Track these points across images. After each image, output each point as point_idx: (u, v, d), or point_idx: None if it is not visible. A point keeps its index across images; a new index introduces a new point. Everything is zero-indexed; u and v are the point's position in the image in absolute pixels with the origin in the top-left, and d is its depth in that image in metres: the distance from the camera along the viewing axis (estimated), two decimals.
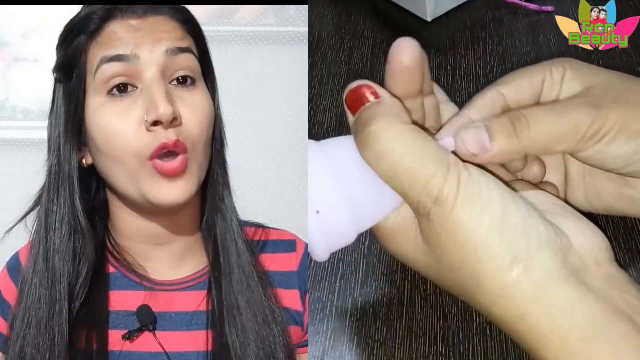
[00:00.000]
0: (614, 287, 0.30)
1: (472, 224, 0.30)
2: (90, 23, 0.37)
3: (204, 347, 0.38)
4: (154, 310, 0.39)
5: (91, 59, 0.36)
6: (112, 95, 0.36)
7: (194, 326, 0.39)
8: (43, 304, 0.37)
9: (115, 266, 0.40)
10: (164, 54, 0.36)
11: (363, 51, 0.67)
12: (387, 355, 0.41)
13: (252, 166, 0.65)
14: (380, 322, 0.43)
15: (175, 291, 0.40)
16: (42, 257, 0.38)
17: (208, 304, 0.39)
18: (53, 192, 0.38)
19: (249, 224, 0.43)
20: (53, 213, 0.38)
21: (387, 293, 0.44)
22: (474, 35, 0.67)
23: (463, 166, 0.32)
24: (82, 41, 0.37)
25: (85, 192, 0.39)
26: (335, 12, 0.73)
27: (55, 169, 0.38)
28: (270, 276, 0.40)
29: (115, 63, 0.36)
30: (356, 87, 0.34)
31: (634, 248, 0.44)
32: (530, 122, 0.33)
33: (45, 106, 0.40)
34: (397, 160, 0.31)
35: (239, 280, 0.39)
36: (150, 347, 0.38)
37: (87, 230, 0.38)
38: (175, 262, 0.40)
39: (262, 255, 0.41)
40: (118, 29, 0.36)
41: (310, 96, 0.62)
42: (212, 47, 0.41)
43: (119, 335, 0.38)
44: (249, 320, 0.38)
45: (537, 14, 0.68)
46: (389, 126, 0.31)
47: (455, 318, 0.42)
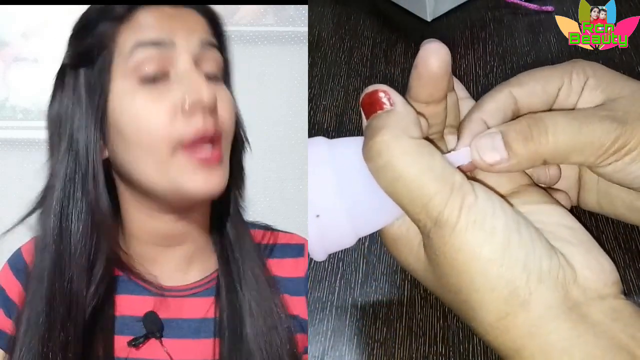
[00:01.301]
0: (616, 321, 0.29)
1: (471, 252, 0.29)
2: (115, 9, 0.35)
3: (211, 356, 0.37)
4: (161, 316, 0.37)
5: (121, 45, 0.35)
6: (144, 82, 0.34)
7: (201, 334, 0.37)
8: (57, 304, 0.35)
9: (123, 269, 0.38)
10: (198, 45, 0.35)
11: (363, 51, 0.66)
12: (387, 355, 0.41)
13: (252, 166, 0.65)
14: (380, 322, 0.43)
15: (184, 297, 0.38)
16: (55, 256, 0.35)
17: (216, 311, 0.38)
18: (69, 186, 0.36)
19: (257, 226, 0.42)
20: (70, 211, 0.35)
21: (387, 293, 0.44)
22: (474, 35, 0.66)
23: (470, 189, 0.30)
24: (109, 27, 0.35)
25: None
26: (335, 12, 0.73)
27: (71, 162, 0.36)
28: (278, 282, 0.39)
29: (150, 48, 0.34)
30: (372, 91, 0.33)
31: (634, 248, 0.44)
32: (550, 130, 0.32)
33: (46, 106, 0.38)
34: (398, 177, 0.30)
35: (249, 286, 0.38)
36: (157, 355, 0.37)
37: (111, 222, 0.36)
38: (184, 265, 0.39)
39: (270, 260, 0.40)
40: (151, 14, 0.35)
41: (310, 96, 0.62)
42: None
43: (124, 341, 0.37)
44: (257, 329, 0.37)
45: (537, 14, 0.68)
46: (394, 140, 0.30)
47: (455, 318, 0.42)
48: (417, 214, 0.30)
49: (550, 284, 0.29)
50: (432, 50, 0.32)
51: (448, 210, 0.30)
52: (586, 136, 0.32)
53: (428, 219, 0.30)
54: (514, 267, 0.29)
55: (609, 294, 0.30)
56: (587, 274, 0.30)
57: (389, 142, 0.30)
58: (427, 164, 0.30)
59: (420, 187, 0.30)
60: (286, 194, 0.65)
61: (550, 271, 0.29)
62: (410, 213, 0.31)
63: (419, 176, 0.30)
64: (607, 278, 0.31)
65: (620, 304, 0.30)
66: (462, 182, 0.30)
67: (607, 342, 0.28)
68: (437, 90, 0.33)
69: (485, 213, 0.30)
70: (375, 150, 0.31)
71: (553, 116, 0.33)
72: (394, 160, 0.30)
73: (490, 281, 0.29)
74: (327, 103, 0.61)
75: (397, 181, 0.30)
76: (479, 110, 0.35)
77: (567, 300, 0.29)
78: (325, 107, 0.61)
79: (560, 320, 0.29)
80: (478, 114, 0.35)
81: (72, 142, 0.36)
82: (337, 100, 0.61)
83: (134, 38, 0.35)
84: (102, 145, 0.36)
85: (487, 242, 0.29)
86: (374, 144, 0.31)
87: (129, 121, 0.34)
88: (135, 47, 0.34)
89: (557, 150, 0.32)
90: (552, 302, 0.29)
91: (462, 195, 0.30)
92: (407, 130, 0.31)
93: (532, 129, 0.32)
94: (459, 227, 0.29)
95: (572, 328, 0.29)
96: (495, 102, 0.36)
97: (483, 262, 0.29)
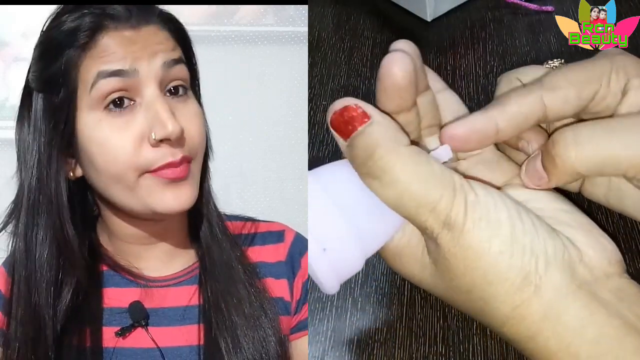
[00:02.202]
0: (624, 300, 0.30)
1: (481, 248, 0.30)
2: (80, 35, 0.35)
3: (196, 341, 0.38)
4: (147, 306, 0.39)
5: (85, 74, 0.35)
6: (110, 110, 0.35)
7: (186, 321, 0.39)
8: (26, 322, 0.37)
9: (109, 264, 0.40)
10: (161, 68, 0.36)
11: (363, 51, 0.66)
12: (387, 355, 0.41)
13: (252, 166, 0.65)
14: (380, 322, 0.43)
15: (168, 287, 0.40)
16: (24, 278, 0.37)
17: (199, 298, 0.39)
18: (34, 210, 0.37)
19: (239, 218, 0.43)
20: (34, 234, 0.37)
21: (387, 293, 0.44)
22: (474, 35, 0.66)
23: (469, 187, 0.31)
24: (74, 55, 0.35)
25: (72, 204, 0.38)
26: (335, 12, 0.73)
27: (36, 186, 0.37)
28: (260, 267, 0.41)
29: (114, 78, 0.35)
30: (342, 108, 0.31)
31: (634, 248, 0.44)
32: (587, 147, 0.31)
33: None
34: (404, 189, 0.30)
35: (224, 274, 0.39)
36: (144, 343, 0.38)
37: (76, 248, 0.37)
38: (167, 259, 0.41)
39: (252, 247, 0.42)
40: (112, 41, 0.35)
41: (310, 96, 0.62)
42: (212, 47, 0.41)
43: (112, 332, 0.38)
44: (237, 312, 0.38)
45: (537, 14, 0.68)
46: (391, 154, 0.30)
47: (455, 318, 0.42)
48: (424, 221, 0.30)
49: (557, 265, 0.30)
50: (395, 60, 0.31)
51: (455, 211, 0.30)
52: (621, 149, 0.31)
53: (436, 224, 0.30)
54: (523, 255, 0.30)
55: (614, 272, 0.31)
56: (591, 253, 0.31)
57: (387, 157, 0.30)
58: (427, 171, 0.30)
59: (425, 194, 0.30)
60: (286, 194, 0.65)
61: (556, 253, 0.30)
62: (417, 221, 0.31)
63: (424, 183, 0.30)
64: (610, 256, 0.31)
65: (624, 282, 0.31)
66: (461, 182, 0.31)
67: (617, 320, 0.29)
68: (405, 100, 0.32)
69: (488, 208, 0.30)
70: (379, 169, 0.30)
71: (591, 130, 0.31)
72: (397, 173, 0.30)
73: (503, 272, 0.30)
74: (327, 103, 0.61)
75: (405, 192, 0.30)
76: (500, 108, 0.33)
77: (575, 280, 0.30)
78: (325, 107, 0.60)
79: (571, 300, 0.29)
80: (494, 112, 0.33)
81: (33, 162, 0.37)
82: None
83: (96, 68, 0.35)
84: (71, 166, 0.37)
85: (495, 236, 0.30)
86: (375, 163, 0.30)
87: (96, 149, 0.35)
88: (99, 77, 0.35)
89: (587, 166, 0.31)
90: (560, 282, 0.29)
91: (464, 195, 0.30)
92: (397, 139, 0.31)
93: (555, 146, 0.32)
94: (467, 226, 0.30)
95: (584, 306, 0.29)
96: (520, 105, 0.33)
97: (493, 255, 0.30)
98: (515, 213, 0.31)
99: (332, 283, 0.33)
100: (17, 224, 0.38)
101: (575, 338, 0.29)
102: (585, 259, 0.30)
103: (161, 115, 0.35)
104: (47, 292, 0.37)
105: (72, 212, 0.37)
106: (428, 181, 0.30)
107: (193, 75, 0.40)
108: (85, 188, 0.39)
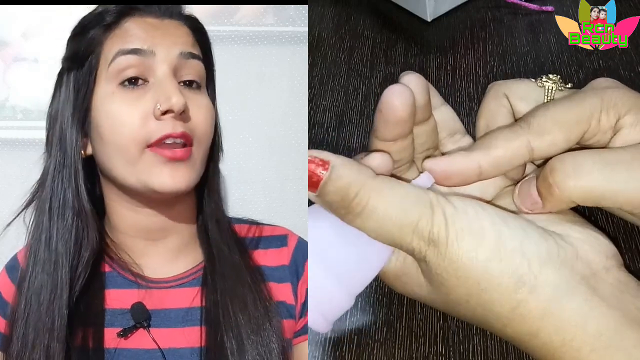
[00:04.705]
0: (624, 293, 0.30)
1: (469, 258, 0.30)
2: (107, 16, 0.38)
3: (198, 343, 0.38)
4: (149, 307, 0.39)
5: (107, 51, 0.38)
6: (124, 86, 0.37)
7: (188, 322, 0.39)
8: (44, 290, 0.37)
9: (111, 265, 0.40)
10: (177, 56, 0.38)
11: (363, 51, 0.66)
12: (387, 355, 0.41)
13: (252, 166, 0.64)
14: (380, 322, 0.43)
15: (170, 288, 0.40)
16: (44, 244, 0.38)
17: (202, 300, 0.39)
18: (57, 178, 0.38)
19: (243, 221, 0.44)
20: (56, 199, 0.38)
21: (387, 293, 0.44)
22: (474, 35, 0.66)
23: (445, 201, 0.31)
24: (98, 34, 0.38)
25: (85, 185, 0.39)
26: (335, 12, 0.73)
27: (60, 157, 0.38)
28: (264, 271, 0.41)
29: (131, 56, 0.37)
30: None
31: (634, 248, 0.44)
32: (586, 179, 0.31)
33: (45, 106, 0.40)
34: (384, 215, 0.31)
35: (230, 276, 0.39)
36: (145, 344, 0.38)
37: (91, 214, 0.39)
38: (171, 257, 0.41)
39: (256, 251, 0.42)
40: (136, 25, 0.38)
41: (310, 96, 0.62)
42: (212, 47, 0.41)
43: (114, 332, 0.38)
44: (242, 315, 0.38)
45: (537, 14, 0.68)
46: (364, 188, 0.31)
47: (455, 318, 0.42)
48: (409, 243, 0.31)
49: (553, 264, 0.30)
50: (396, 93, 0.31)
51: (436, 227, 0.30)
52: (620, 185, 0.31)
53: (421, 243, 0.31)
54: (513, 258, 0.30)
55: (612, 265, 0.31)
56: (587, 247, 0.31)
57: (362, 191, 0.31)
58: (401, 193, 0.31)
59: (405, 216, 0.31)
60: (286, 194, 0.65)
61: (550, 252, 0.30)
62: (402, 245, 0.32)
63: (400, 207, 0.31)
64: (606, 250, 0.32)
65: (624, 276, 0.31)
66: (437, 197, 0.31)
67: (619, 313, 0.29)
68: (404, 129, 0.33)
69: (469, 218, 0.31)
70: (357, 205, 0.31)
71: (587, 162, 0.31)
72: (376, 204, 0.31)
73: (495, 278, 0.30)
74: (327, 103, 0.61)
75: (384, 221, 0.31)
76: (485, 152, 0.34)
77: (574, 276, 0.30)
78: (325, 107, 0.61)
79: (571, 296, 0.30)
80: (478, 155, 0.34)
81: (62, 138, 0.38)
82: (337, 100, 0.61)
83: (118, 46, 0.37)
84: (85, 142, 0.39)
85: (480, 244, 0.30)
86: (352, 201, 0.31)
87: (106, 121, 0.37)
88: (118, 54, 0.37)
89: (584, 197, 0.31)
90: (559, 280, 0.30)
91: (441, 209, 0.31)
92: (363, 173, 0.31)
93: (553, 174, 0.32)
94: (450, 239, 0.30)
95: (585, 301, 0.29)
96: (506, 149, 0.33)
97: (482, 263, 0.30)
98: (499, 219, 0.31)
99: (323, 325, 0.34)
100: (42, 200, 0.39)
101: (578, 332, 0.29)
102: (581, 254, 0.31)
103: (168, 90, 0.36)
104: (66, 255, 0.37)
105: (88, 188, 0.39)
106: (403, 203, 0.31)
107: (209, 77, 0.41)
108: (92, 170, 0.40)
